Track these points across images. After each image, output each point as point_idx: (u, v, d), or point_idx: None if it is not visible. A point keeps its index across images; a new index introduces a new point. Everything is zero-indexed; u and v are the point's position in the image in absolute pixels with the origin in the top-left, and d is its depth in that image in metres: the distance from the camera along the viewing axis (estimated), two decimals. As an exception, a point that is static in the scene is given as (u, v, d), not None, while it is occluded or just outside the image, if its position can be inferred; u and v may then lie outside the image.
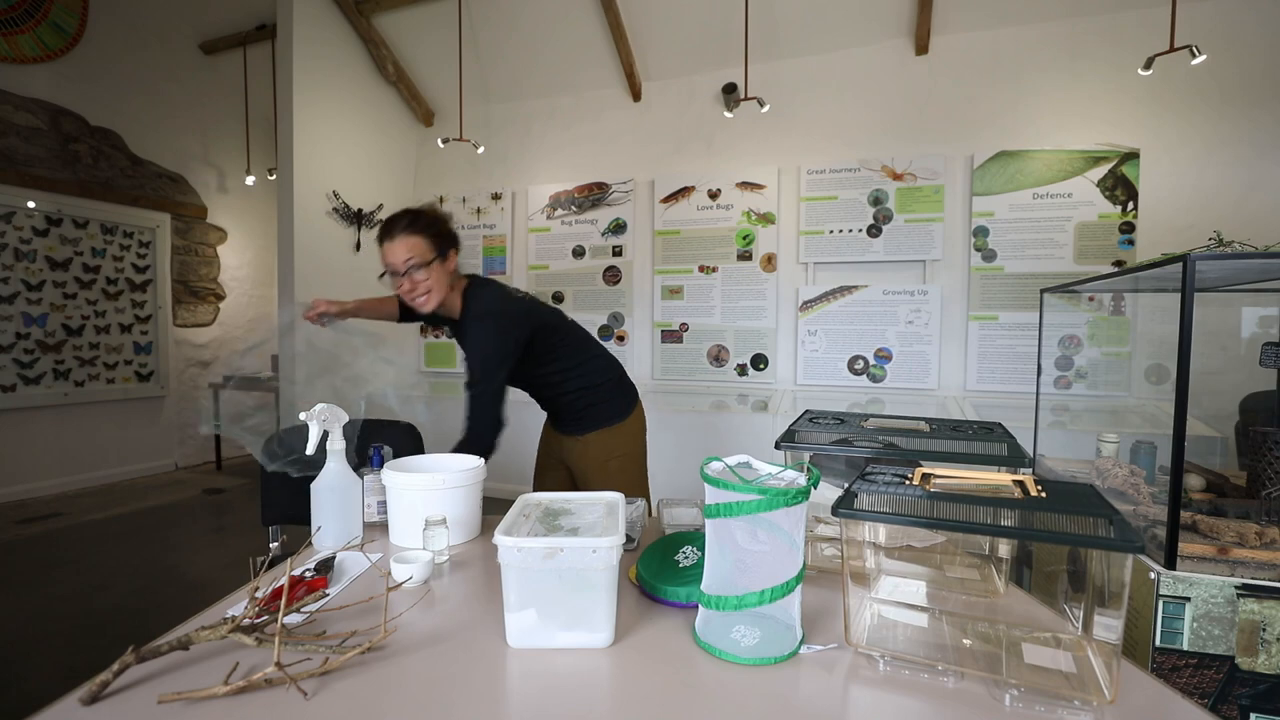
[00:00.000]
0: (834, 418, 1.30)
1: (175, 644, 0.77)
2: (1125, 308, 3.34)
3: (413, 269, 1.46)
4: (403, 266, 1.46)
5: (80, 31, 4.24)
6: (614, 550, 0.81)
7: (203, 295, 5.14)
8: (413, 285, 1.48)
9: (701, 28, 3.91)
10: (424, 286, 1.49)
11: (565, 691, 0.74)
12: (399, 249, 1.46)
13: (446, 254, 1.52)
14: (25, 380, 4.06)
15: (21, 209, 4.02)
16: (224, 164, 5.25)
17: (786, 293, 3.98)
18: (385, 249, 1.49)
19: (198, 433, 5.03)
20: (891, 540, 0.97)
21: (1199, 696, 1.31)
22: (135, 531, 3.51)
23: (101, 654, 2.13)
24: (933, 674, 0.76)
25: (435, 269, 1.49)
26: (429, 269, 1.48)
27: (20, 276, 4.04)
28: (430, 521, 1.10)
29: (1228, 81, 3.16)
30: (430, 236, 1.49)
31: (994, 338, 3.57)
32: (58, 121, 4.19)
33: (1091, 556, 0.75)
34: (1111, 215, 3.35)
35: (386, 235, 1.49)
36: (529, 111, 4.64)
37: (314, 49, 4.09)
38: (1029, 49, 3.50)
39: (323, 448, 1.20)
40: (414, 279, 1.48)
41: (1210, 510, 1.48)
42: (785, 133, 3.98)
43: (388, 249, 1.48)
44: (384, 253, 1.49)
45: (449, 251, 1.53)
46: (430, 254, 1.48)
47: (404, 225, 1.48)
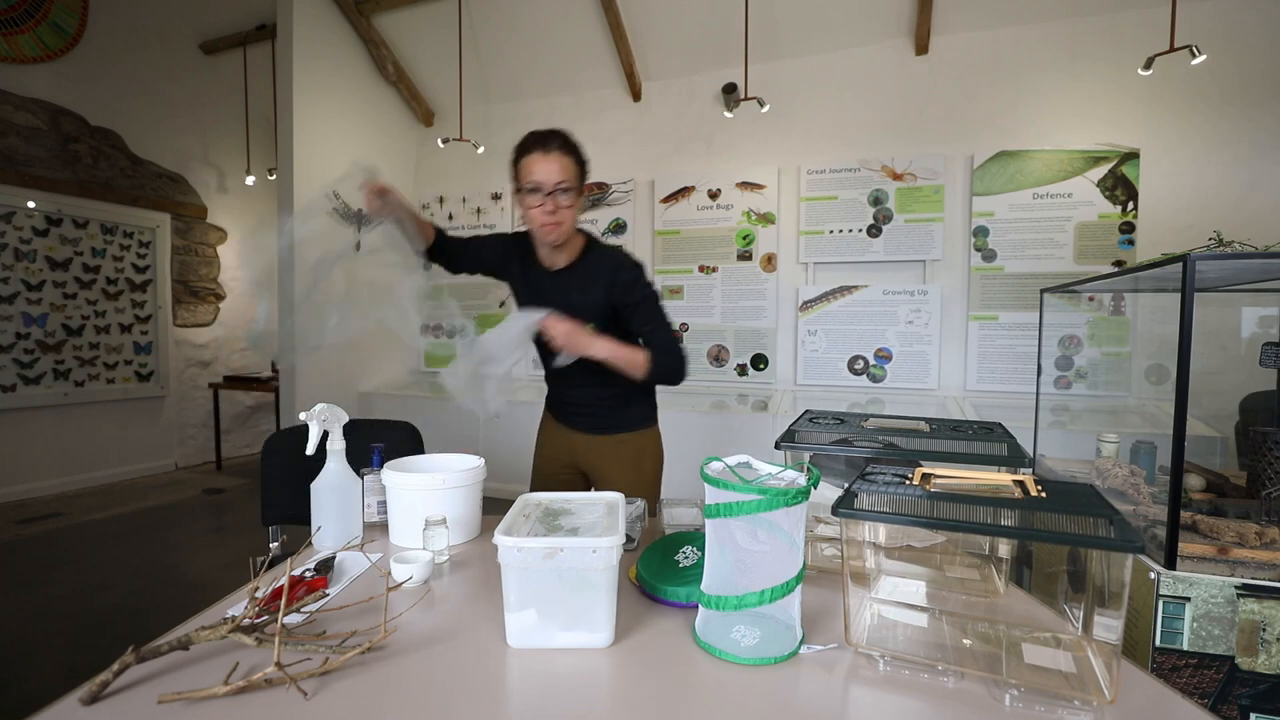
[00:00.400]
0: (834, 418, 1.30)
1: (175, 644, 0.77)
2: (1125, 308, 3.34)
3: (560, 190, 1.34)
4: (551, 185, 1.34)
5: (80, 31, 4.24)
6: (614, 550, 0.81)
7: (203, 295, 5.14)
8: (555, 208, 1.35)
9: (701, 28, 3.91)
10: (565, 214, 1.37)
11: (565, 691, 0.74)
12: (553, 165, 1.34)
13: (583, 190, 1.43)
14: (25, 380, 4.06)
15: (21, 209, 4.02)
16: (224, 164, 5.25)
17: (786, 293, 3.98)
18: (533, 160, 1.35)
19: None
20: (891, 540, 0.97)
21: (1199, 696, 1.30)
22: (135, 531, 3.51)
23: (101, 654, 2.13)
24: (933, 674, 0.76)
25: (575, 200, 1.39)
26: (571, 196, 1.37)
27: (20, 276, 4.03)
28: (430, 521, 1.10)
29: (1228, 81, 3.16)
30: (579, 165, 1.39)
31: (994, 338, 3.57)
32: (58, 121, 4.19)
33: (1091, 556, 0.75)
34: (1111, 215, 3.35)
35: (540, 146, 1.35)
36: (529, 111, 4.64)
37: (314, 49, 4.09)
38: (1029, 49, 3.50)
39: (323, 447, 1.20)
40: (558, 202, 1.35)
41: (1210, 510, 1.48)
42: (785, 133, 3.98)
43: (538, 161, 1.34)
44: (529, 164, 1.36)
45: (585, 188, 1.45)
46: (577, 181, 1.38)
47: (561, 143, 1.36)
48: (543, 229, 1.38)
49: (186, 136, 4.97)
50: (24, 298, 4.06)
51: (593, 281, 1.44)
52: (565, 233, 1.40)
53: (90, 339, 4.40)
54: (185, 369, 5.02)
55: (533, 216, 1.38)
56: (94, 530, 3.52)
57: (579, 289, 1.43)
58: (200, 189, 5.09)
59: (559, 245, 1.44)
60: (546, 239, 1.41)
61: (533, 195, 1.35)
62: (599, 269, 1.46)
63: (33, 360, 4.10)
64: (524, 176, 1.37)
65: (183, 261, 4.98)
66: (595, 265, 1.47)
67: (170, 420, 4.92)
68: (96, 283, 4.43)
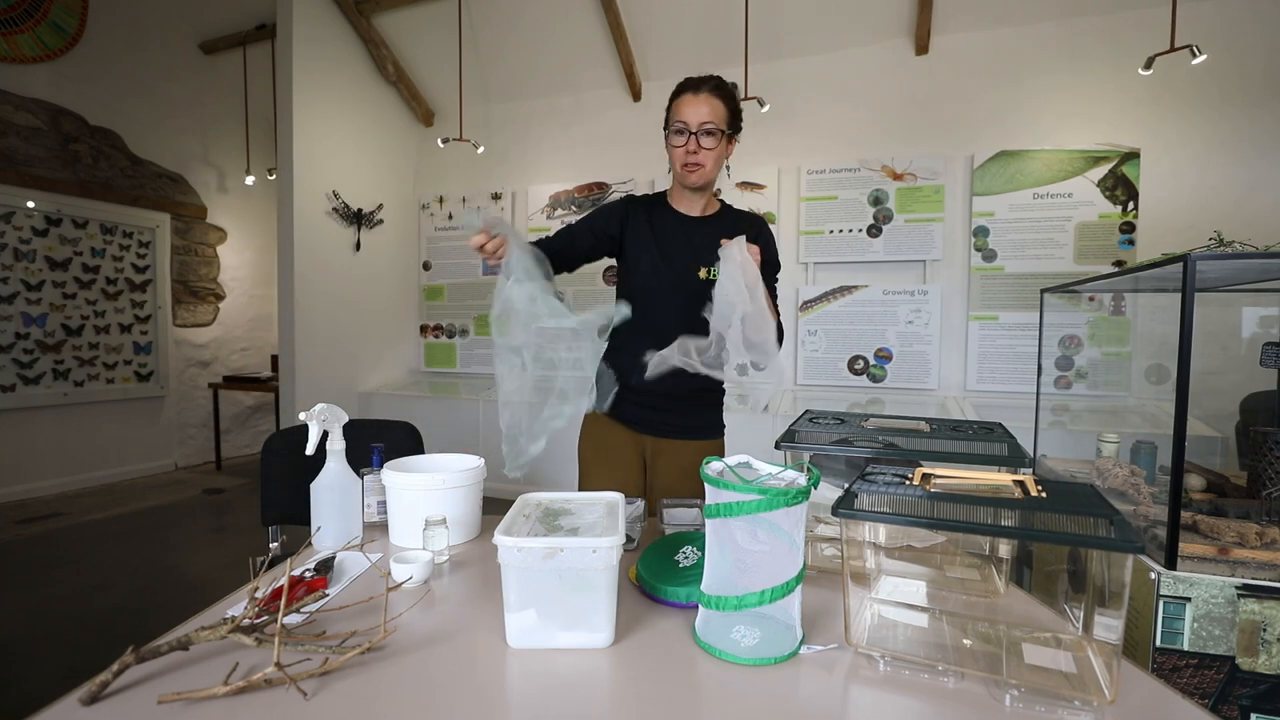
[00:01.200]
0: (834, 418, 1.30)
1: (175, 644, 0.77)
2: (1125, 308, 3.34)
3: (705, 132, 1.31)
4: (696, 125, 1.31)
5: (80, 31, 4.24)
6: (614, 550, 0.81)
7: (202, 295, 5.14)
8: (697, 148, 1.32)
9: (701, 28, 3.91)
10: (705, 156, 1.33)
11: (565, 691, 0.74)
12: (701, 106, 1.31)
13: (733, 137, 1.39)
14: (25, 380, 4.06)
15: (21, 209, 4.02)
16: (224, 164, 5.25)
17: (786, 293, 3.98)
18: (684, 102, 1.33)
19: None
20: (891, 540, 0.97)
21: (1199, 697, 1.30)
22: (135, 531, 3.51)
23: (101, 654, 2.13)
24: (933, 674, 0.76)
25: (722, 144, 1.35)
26: (718, 140, 1.33)
27: (20, 276, 4.03)
28: (430, 521, 1.10)
29: (1228, 81, 3.16)
30: (730, 110, 1.36)
31: (994, 338, 3.57)
32: (58, 121, 4.19)
33: (1092, 556, 0.75)
34: (1112, 215, 3.35)
35: (691, 88, 1.33)
36: (529, 111, 4.64)
37: (314, 49, 4.09)
38: (1029, 49, 3.50)
39: (323, 447, 1.20)
40: (701, 143, 1.32)
41: (1211, 510, 1.48)
42: (785, 133, 3.98)
43: (688, 102, 1.32)
44: (679, 105, 1.34)
45: (734, 137, 1.39)
46: (725, 125, 1.34)
47: (712, 86, 1.33)
48: (684, 169, 1.36)
49: (186, 136, 4.98)
50: (23, 298, 4.06)
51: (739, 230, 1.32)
52: (706, 176, 1.36)
53: (90, 339, 4.40)
54: (185, 369, 5.02)
55: (676, 156, 1.36)
56: (94, 530, 3.52)
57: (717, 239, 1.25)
58: (200, 189, 5.09)
59: (699, 188, 1.40)
60: (687, 180, 1.37)
61: (678, 135, 1.34)
62: (741, 221, 1.44)
63: (32, 360, 4.10)
64: (672, 117, 1.35)
65: (182, 261, 4.98)
66: (737, 217, 1.46)
67: (170, 420, 4.92)
68: (96, 283, 4.43)
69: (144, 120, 4.67)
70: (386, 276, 4.75)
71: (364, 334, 4.57)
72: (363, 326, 4.56)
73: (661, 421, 1.46)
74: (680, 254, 1.40)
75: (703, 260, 1.38)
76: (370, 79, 4.57)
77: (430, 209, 4.92)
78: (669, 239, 1.42)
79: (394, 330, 4.89)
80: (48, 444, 4.19)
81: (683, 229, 1.43)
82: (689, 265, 1.39)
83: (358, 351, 4.54)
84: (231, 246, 5.34)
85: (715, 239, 1.27)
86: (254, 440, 5.50)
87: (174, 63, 4.82)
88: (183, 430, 5.01)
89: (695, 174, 1.35)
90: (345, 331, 4.40)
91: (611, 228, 1.45)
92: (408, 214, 4.95)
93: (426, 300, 4.94)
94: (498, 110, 4.71)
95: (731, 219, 1.46)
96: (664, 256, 1.40)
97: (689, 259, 1.39)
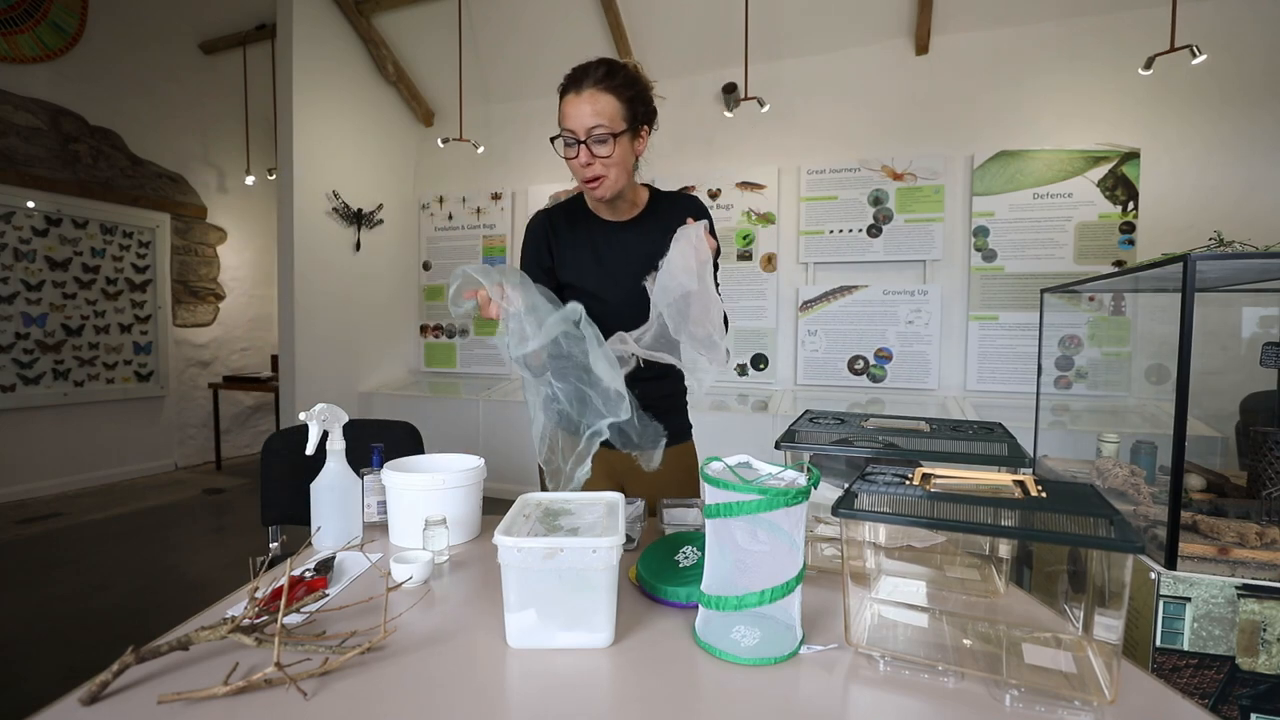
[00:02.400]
0: (834, 418, 1.30)
1: (175, 644, 0.77)
2: (1125, 308, 3.34)
3: (596, 140, 1.14)
4: (585, 133, 1.14)
5: (80, 31, 4.24)
6: (614, 550, 0.81)
7: (202, 295, 5.14)
8: (589, 160, 1.15)
9: (701, 28, 3.91)
10: (604, 165, 1.16)
11: (565, 691, 0.74)
12: (584, 107, 1.13)
13: (639, 130, 1.21)
14: (25, 380, 4.06)
15: (21, 209, 4.02)
16: (224, 164, 5.25)
17: (786, 293, 3.98)
18: (567, 104, 1.15)
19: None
20: (891, 540, 0.97)
21: (1199, 697, 1.30)
22: (135, 531, 3.51)
23: (101, 654, 2.12)
24: (933, 674, 0.76)
25: (622, 145, 1.17)
26: (615, 144, 1.15)
27: (20, 276, 4.04)
28: (430, 521, 1.10)
29: (1228, 81, 3.16)
30: (626, 101, 1.16)
31: (994, 338, 3.57)
32: (57, 121, 4.19)
33: (1092, 557, 0.75)
34: (1112, 215, 3.35)
35: (574, 86, 1.15)
36: (529, 111, 4.64)
37: (314, 49, 4.09)
38: (1029, 49, 3.50)
39: (323, 447, 1.20)
40: (595, 152, 1.15)
41: (1211, 510, 1.48)
42: (785, 133, 3.98)
43: (571, 105, 1.14)
44: (564, 108, 1.16)
45: (642, 128, 1.22)
46: (621, 124, 1.16)
47: (598, 77, 1.14)
48: (586, 185, 1.21)
49: (186, 136, 4.98)
50: (23, 298, 4.06)
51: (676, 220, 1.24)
52: (613, 187, 1.20)
53: (90, 339, 4.40)
54: (185, 369, 5.02)
55: (572, 169, 1.19)
56: (94, 530, 3.52)
57: (657, 238, 1.16)
58: (200, 189, 5.09)
59: (612, 200, 1.25)
60: (592, 196, 1.23)
61: (569, 147, 1.17)
62: (673, 212, 1.27)
63: (32, 360, 4.10)
64: (559, 123, 1.18)
65: (182, 261, 4.98)
66: (668, 209, 1.30)
67: (170, 420, 4.92)
68: (96, 283, 4.44)
69: (144, 120, 4.67)
70: (386, 276, 4.75)
71: (364, 334, 4.57)
72: (363, 326, 4.56)
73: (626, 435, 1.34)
74: (620, 268, 1.26)
75: (645, 268, 1.18)
76: (370, 79, 4.57)
77: (430, 209, 4.92)
78: (605, 254, 1.28)
79: (394, 330, 4.89)
80: (48, 444, 4.19)
81: (617, 239, 1.29)
82: (633, 278, 1.20)
83: (358, 351, 4.54)
84: (231, 246, 5.34)
85: (654, 241, 1.19)
86: (254, 440, 5.50)
87: (174, 63, 4.82)
88: (183, 430, 5.01)
89: (599, 187, 1.19)
90: (345, 331, 4.40)
91: (544, 260, 1.32)
92: (408, 214, 4.95)
93: (426, 300, 4.94)
94: (498, 110, 4.71)
95: (665, 208, 1.32)
96: (605, 275, 1.26)
97: (631, 271, 1.23)
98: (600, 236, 1.30)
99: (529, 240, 1.35)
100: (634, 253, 1.27)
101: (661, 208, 1.33)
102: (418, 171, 5.03)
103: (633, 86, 1.18)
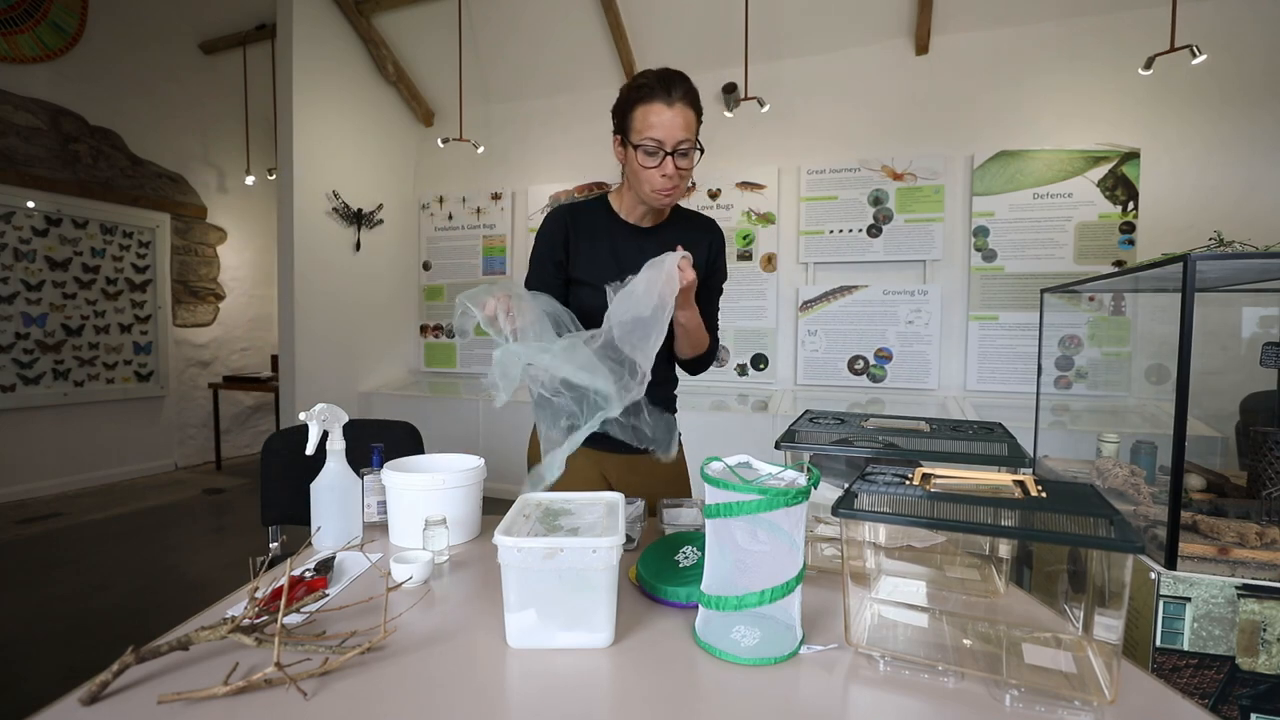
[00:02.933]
0: (834, 418, 1.30)
1: (175, 644, 0.77)
2: (1125, 308, 3.34)
3: (681, 153, 1.14)
4: (673, 144, 1.12)
5: (80, 31, 4.24)
6: (614, 550, 0.81)
7: (202, 295, 5.14)
8: (673, 171, 1.15)
9: (701, 28, 3.91)
10: (683, 176, 1.18)
11: (565, 691, 0.74)
12: (677, 120, 1.12)
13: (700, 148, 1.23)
14: (25, 380, 4.06)
15: (21, 209, 4.02)
16: (224, 164, 5.25)
17: (786, 293, 3.98)
18: (654, 113, 1.12)
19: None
20: (891, 540, 0.97)
21: (1199, 697, 1.30)
22: (135, 531, 3.51)
23: (101, 654, 2.13)
24: (933, 674, 0.76)
25: (694, 158, 1.18)
26: (691, 159, 1.17)
27: (20, 276, 4.04)
28: (430, 521, 1.10)
29: (1228, 81, 3.16)
30: (699, 117, 1.17)
31: (994, 338, 3.57)
32: (58, 121, 4.19)
33: (1092, 556, 0.75)
34: (1112, 215, 3.35)
35: (663, 96, 1.12)
36: (529, 111, 4.64)
37: (314, 49, 4.09)
38: (1029, 49, 3.50)
39: (323, 447, 1.20)
40: (679, 164, 1.15)
41: (1211, 510, 1.48)
42: (785, 133, 3.98)
43: (661, 115, 1.12)
44: (647, 115, 1.12)
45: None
46: (697, 139, 1.17)
47: (685, 90, 1.13)
48: (656, 194, 1.19)
49: (186, 136, 4.98)
50: (23, 298, 4.06)
51: (696, 240, 1.25)
52: (680, 196, 1.23)
53: (90, 339, 4.40)
54: (185, 369, 5.02)
55: (649, 178, 1.17)
56: (94, 530, 3.52)
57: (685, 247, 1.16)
58: (200, 189, 5.09)
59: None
60: (659, 203, 1.22)
61: (650, 156, 1.14)
62: (695, 228, 1.30)
63: (32, 360, 4.10)
64: (639, 129, 1.14)
65: (182, 261, 4.98)
66: (693, 223, 1.32)
67: (170, 420, 4.92)
68: (96, 283, 4.44)
69: (144, 120, 4.67)
70: (386, 276, 4.75)
71: (364, 334, 4.57)
72: (363, 326, 4.56)
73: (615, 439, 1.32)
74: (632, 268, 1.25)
75: None
76: (370, 79, 4.57)
77: (430, 209, 4.93)
78: (624, 255, 1.28)
79: (394, 330, 4.89)
80: (48, 444, 4.19)
81: (637, 243, 1.29)
82: None
83: (358, 351, 4.54)
84: (231, 246, 5.34)
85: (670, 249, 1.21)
86: (254, 440, 5.50)
87: (174, 63, 4.82)
88: (183, 430, 5.01)
89: (671, 197, 1.21)
90: (345, 331, 4.40)
91: (557, 254, 1.31)
92: (408, 214, 4.95)
93: (426, 300, 4.94)
94: (498, 110, 4.71)
95: (687, 225, 1.33)
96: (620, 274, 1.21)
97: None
98: (622, 239, 1.30)
99: (545, 232, 1.34)
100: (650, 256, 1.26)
101: (683, 221, 1.35)
102: (418, 171, 5.03)
103: (699, 104, 1.20)
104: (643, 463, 1.32)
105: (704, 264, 1.31)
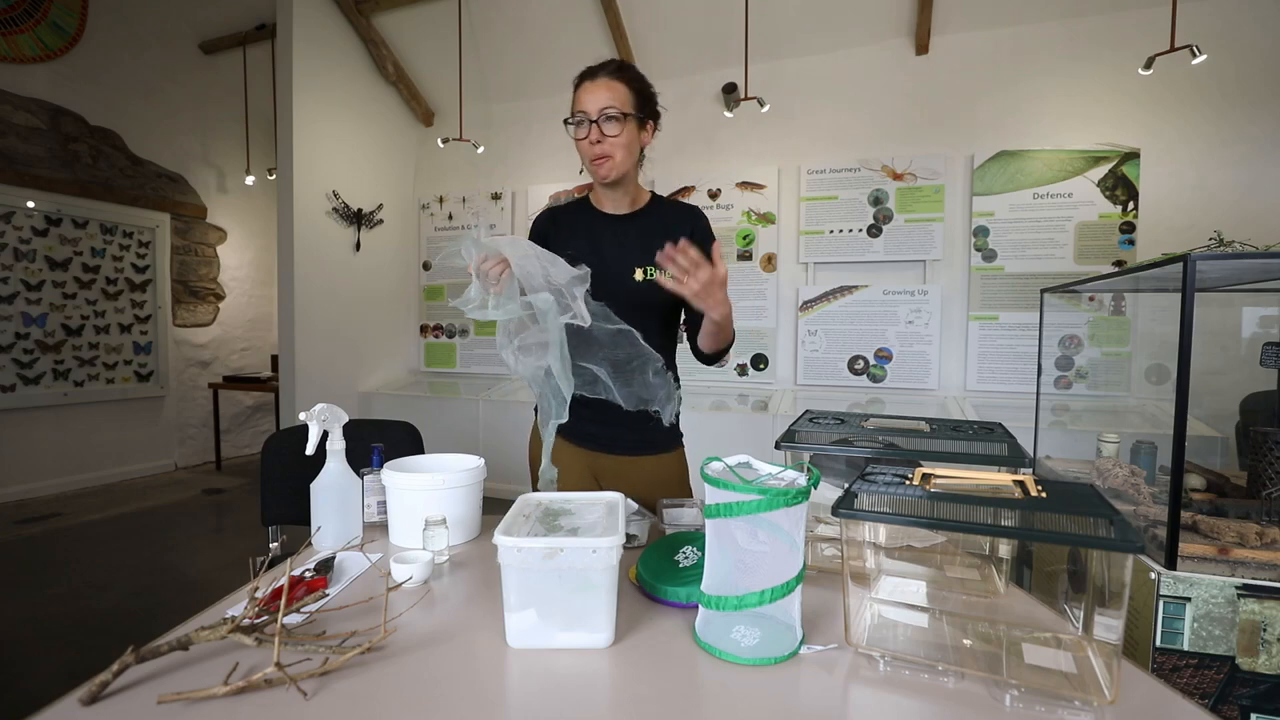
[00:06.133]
0: (834, 418, 1.30)
1: (175, 644, 0.77)
2: (1125, 308, 3.34)
3: (607, 118, 1.20)
4: (596, 112, 1.20)
5: (80, 31, 4.24)
6: (614, 550, 0.81)
7: (202, 295, 5.14)
8: (599, 138, 1.21)
9: (701, 28, 3.91)
10: (612, 145, 1.22)
11: (565, 692, 0.73)
12: (599, 92, 1.21)
13: (645, 122, 1.28)
14: (25, 380, 4.06)
15: (21, 209, 4.02)
16: (224, 164, 5.25)
17: (786, 293, 3.98)
18: (582, 91, 1.23)
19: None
20: (891, 540, 0.97)
21: (1199, 697, 1.30)
22: (135, 531, 3.51)
23: (101, 654, 2.13)
24: (933, 674, 0.76)
25: (630, 129, 1.23)
26: (623, 124, 1.22)
27: (20, 276, 4.04)
28: (430, 522, 1.10)
29: (1228, 81, 3.16)
30: (635, 91, 1.24)
31: (994, 338, 3.57)
32: (57, 121, 4.19)
33: (1092, 556, 0.75)
34: (1112, 215, 3.35)
35: (588, 77, 1.24)
36: (529, 111, 4.64)
37: (314, 49, 4.09)
38: (1029, 49, 3.50)
39: (323, 447, 1.20)
40: (605, 130, 1.21)
41: (1211, 510, 1.48)
42: (785, 133, 3.98)
43: (585, 90, 1.23)
44: (577, 96, 1.24)
45: (648, 122, 1.28)
46: (630, 108, 1.23)
47: (611, 70, 1.23)
48: (593, 164, 1.25)
49: (186, 136, 4.98)
50: (23, 298, 4.06)
51: (673, 225, 1.28)
52: (618, 167, 1.25)
53: (90, 339, 4.40)
54: (185, 369, 5.02)
55: (582, 150, 1.25)
56: (94, 530, 3.52)
57: (659, 233, 1.21)
58: (200, 189, 5.09)
59: (615, 183, 1.28)
60: (597, 175, 1.26)
61: (579, 128, 1.23)
62: (675, 213, 1.34)
63: (32, 360, 4.10)
64: (573, 109, 1.25)
65: (182, 261, 4.98)
66: (670, 210, 1.36)
67: (170, 420, 4.92)
68: (96, 283, 4.44)
69: (144, 120, 4.67)
70: (386, 276, 4.76)
71: (364, 334, 4.58)
72: (363, 326, 4.56)
73: (611, 438, 1.35)
74: (615, 257, 1.29)
75: (637, 260, 1.28)
76: (370, 79, 4.57)
77: (430, 209, 4.93)
78: (602, 242, 1.32)
79: (394, 330, 4.89)
80: (48, 444, 4.19)
81: (611, 229, 1.33)
82: (623, 267, 1.28)
83: (358, 351, 4.54)
84: (231, 246, 5.34)
85: (650, 235, 1.26)
86: (254, 440, 5.50)
87: (174, 63, 4.82)
88: (183, 430, 5.01)
89: (604, 165, 1.24)
90: (345, 331, 4.40)
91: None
92: (408, 214, 4.95)
93: (426, 300, 4.94)
94: (498, 110, 4.71)
95: (665, 212, 1.36)
96: (599, 262, 1.24)
97: (622, 261, 1.29)
98: (600, 228, 1.34)
99: (532, 233, 1.40)
100: (630, 244, 1.31)
101: (662, 208, 1.38)
102: (418, 171, 5.03)
103: (641, 82, 1.27)
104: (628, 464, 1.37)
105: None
